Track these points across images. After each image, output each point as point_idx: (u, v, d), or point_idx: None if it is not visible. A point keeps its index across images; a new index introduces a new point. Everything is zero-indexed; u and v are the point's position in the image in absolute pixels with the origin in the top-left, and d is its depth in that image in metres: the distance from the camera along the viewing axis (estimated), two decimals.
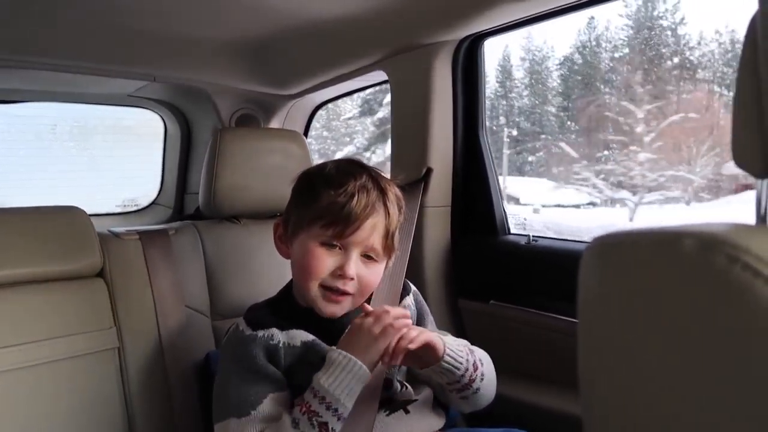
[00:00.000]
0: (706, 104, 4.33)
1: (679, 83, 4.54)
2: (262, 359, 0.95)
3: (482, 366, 1.02)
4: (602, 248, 0.37)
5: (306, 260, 0.98)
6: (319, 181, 1.02)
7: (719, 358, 0.30)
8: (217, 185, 1.33)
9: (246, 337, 0.98)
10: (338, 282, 0.97)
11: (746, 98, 0.41)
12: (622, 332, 0.35)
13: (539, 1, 1.15)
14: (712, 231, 0.31)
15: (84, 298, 1.14)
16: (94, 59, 1.63)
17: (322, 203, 0.98)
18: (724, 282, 0.29)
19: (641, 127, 4.37)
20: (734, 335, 0.29)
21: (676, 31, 4.81)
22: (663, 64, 4.77)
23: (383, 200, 1.00)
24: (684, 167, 4.24)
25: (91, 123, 2.62)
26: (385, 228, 1.00)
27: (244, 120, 2.07)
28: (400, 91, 1.54)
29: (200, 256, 1.31)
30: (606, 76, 5.24)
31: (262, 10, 1.33)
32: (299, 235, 1.01)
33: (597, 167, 4.69)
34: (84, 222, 1.18)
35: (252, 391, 0.93)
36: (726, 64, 4.35)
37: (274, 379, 0.95)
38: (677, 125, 4.27)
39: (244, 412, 0.91)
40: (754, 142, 0.40)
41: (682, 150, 4.32)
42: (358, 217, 0.96)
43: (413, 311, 1.13)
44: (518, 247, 1.39)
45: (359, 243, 0.98)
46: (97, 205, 2.44)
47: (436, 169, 1.45)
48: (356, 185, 0.98)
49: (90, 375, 1.10)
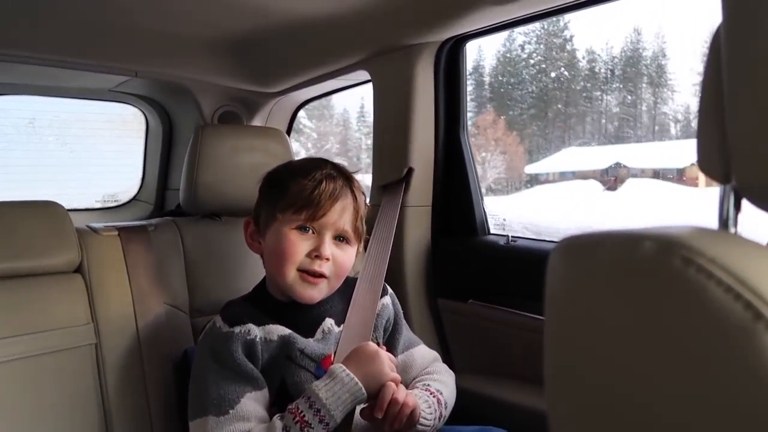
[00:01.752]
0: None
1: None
2: (241, 356, 0.96)
3: (445, 410, 1.06)
4: (567, 249, 0.39)
5: (281, 246, 1.01)
6: (286, 174, 1.06)
7: (677, 357, 0.31)
8: (198, 182, 1.32)
9: (224, 334, 0.98)
10: (314, 264, 1.00)
11: (709, 107, 0.42)
12: (586, 331, 0.36)
13: (520, 6, 1.17)
14: (670, 234, 0.33)
15: (61, 293, 1.13)
16: (74, 53, 1.61)
17: (291, 192, 1.02)
18: (679, 283, 0.31)
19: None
20: (689, 335, 0.31)
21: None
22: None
23: (350, 186, 1.05)
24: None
25: (72, 117, 2.59)
26: (355, 210, 1.05)
27: (227, 117, 2.06)
28: (383, 92, 1.54)
29: (180, 253, 1.30)
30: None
31: (245, 8, 1.33)
32: (272, 225, 1.04)
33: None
34: (62, 217, 1.17)
35: (230, 389, 0.94)
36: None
37: (252, 377, 0.96)
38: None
39: (222, 411, 0.92)
40: (716, 149, 0.42)
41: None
42: (327, 198, 1.00)
43: (390, 312, 1.15)
44: (497, 247, 1.41)
45: (331, 225, 1.02)
46: (77, 200, 2.42)
47: (417, 169, 1.47)
48: (323, 173, 1.03)
49: (66, 371, 1.10)
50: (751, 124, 0.36)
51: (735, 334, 0.28)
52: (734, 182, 0.41)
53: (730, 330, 0.29)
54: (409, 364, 1.14)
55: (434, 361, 1.17)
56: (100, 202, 2.51)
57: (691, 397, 0.30)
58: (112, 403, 1.12)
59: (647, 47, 5.22)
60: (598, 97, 5.56)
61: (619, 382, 0.34)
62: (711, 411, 0.29)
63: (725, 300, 0.29)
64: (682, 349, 0.31)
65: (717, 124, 0.41)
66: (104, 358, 1.13)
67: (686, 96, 6.84)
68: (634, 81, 6.41)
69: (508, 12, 1.22)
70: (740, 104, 0.37)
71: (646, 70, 3.85)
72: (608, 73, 3.70)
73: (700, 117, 0.45)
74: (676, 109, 6.27)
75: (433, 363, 1.17)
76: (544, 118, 8.76)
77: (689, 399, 0.30)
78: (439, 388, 1.07)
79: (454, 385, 1.13)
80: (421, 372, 1.13)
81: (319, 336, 1.04)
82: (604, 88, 4.23)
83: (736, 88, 0.38)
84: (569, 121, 8.55)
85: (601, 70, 3.84)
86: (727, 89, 0.39)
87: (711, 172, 0.44)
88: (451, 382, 1.13)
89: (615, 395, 0.34)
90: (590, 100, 6.92)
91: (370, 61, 1.54)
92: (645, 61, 3.78)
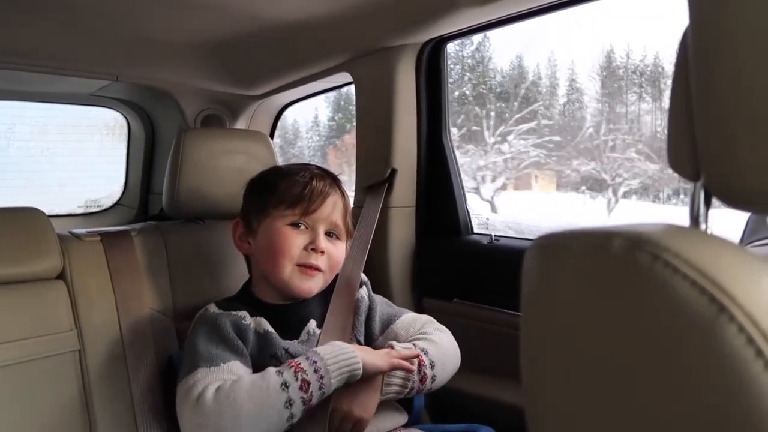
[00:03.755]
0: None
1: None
2: (232, 333, 0.97)
3: (432, 370, 1.04)
4: (541, 248, 0.40)
5: (277, 242, 1.02)
6: (274, 177, 1.09)
7: (646, 350, 0.32)
8: (181, 186, 1.32)
9: (218, 314, 1.00)
10: (311, 257, 1.02)
11: (678, 108, 0.44)
12: (560, 327, 0.37)
13: (499, 7, 1.18)
14: (639, 231, 0.34)
15: (43, 300, 1.12)
16: (54, 58, 1.60)
17: (283, 189, 1.04)
18: (647, 279, 0.32)
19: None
20: (658, 327, 0.32)
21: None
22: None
23: (337, 185, 1.09)
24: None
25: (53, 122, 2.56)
26: (344, 206, 1.08)
27: (210, 120, 2.05)
28: (365, 93, 1.55)
29: (163, 257, 1.30)
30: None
31: (227, 12, 1.32)
32: (264, 223, 1.05)
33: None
34: (43, 223, 1.16)
35: (222, 354, 0.95)
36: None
37: (243, 353, 0.97)
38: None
39: (214, 363, 0.93)
40: (686, 148, 0.43)
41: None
42: (320, 194, 1.04)
43: (365, 304, 1.16)
44: (481, 246, 1.42)
45: (324, 219, 1.04)
46: (59, 206, 2.39)
47: (400, 170, 1.47)
48: (311, 173, 1.07)
49: (50, 378, 1.09)
50: (716, 126, 0.37)
51: (700, 326, 0.29)
52: (703, 180, 0.42)
53: (696, 322, 0.30)
54: (391, 339, 1.11)
55: (424, 325, 1.14)
56: (83, 207, 2.48)
57: (661, 388, 0.31)
58: (96, 410, 1.12)
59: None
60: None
61: (593, 376, 0.35)
62: (679, 400, 0.30)
63: (690, 294, 0.30)
64: (651, 341, 0.32)
65: (686, 125, 0.42)
66: (88, 364, 1.12)
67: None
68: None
69: (488, 13, 1.23)
70: (706, 106, 0.38)
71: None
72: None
73: (670, 117, 0.46)
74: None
75: (423, 326, 1.13)
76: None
77: (660, 389, 0.31)
78: (425, 346, 1.04)
79: (449, 341, 1.10)
80: (408, 340, 1.10)
81: (303, 337, 1.05)
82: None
83: (702, 89, 0.39)
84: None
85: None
86: (694, 91, 0.40)
87: (681, 171, 0.45)
88: (442, 339, 1.09)
89: (589, 388, 0.35)
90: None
91: (352, 63, 1.55)
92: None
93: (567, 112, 4.25)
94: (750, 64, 0.34)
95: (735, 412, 0.28)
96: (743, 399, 0.28)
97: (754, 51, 0.34)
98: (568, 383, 0.36)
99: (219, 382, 0.90)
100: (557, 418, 0.38)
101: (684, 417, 0.30)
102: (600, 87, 4.10)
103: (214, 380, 0.90)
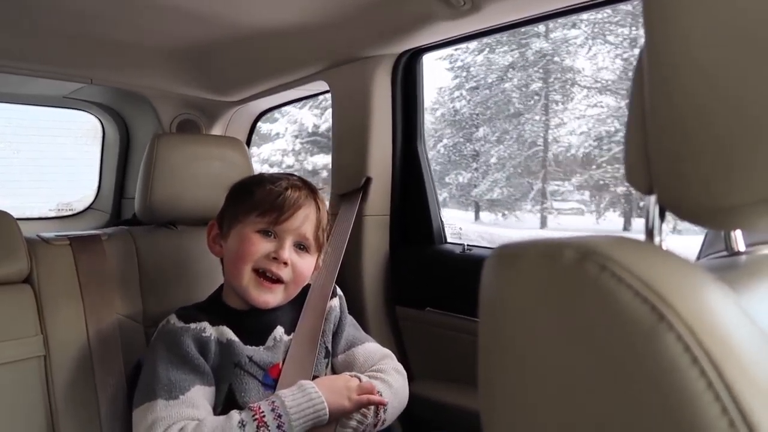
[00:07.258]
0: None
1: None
2: (193, 350, 0.97)
3: (384, 414, 1.03)
4: (498, 258, 0.41)
5: (241, 246, 1.02)
6: (253, 183, 1.09)
7: (594, 358, 0.33)
8: (154, 191, 1.31)
9: (178, 328, 0.99)
10: (272, 265, 1.02)
11: (634, 124, 0.45)
12: (514, 336, 0.38)
13: (472, 21, 1.20)
14: (589, 242, 0.35)
15: (9, 304, 1.10)
16: (27, 59, 1.58)
17: (257, 196, 1.04)
18: (594, 288, 0.33)
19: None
20: (604, 336, 0.33)
21: None
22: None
23: (314, 197, 1.08)
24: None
25: (25, 124, 2.53)
26: (317, 220, 1.07)
27: (186, 125, 2.04)
28: (341, 102, 1.56)
29: (134, 263, 1.28)
30: None
31: (203, 18, 1.32)
32: (234, 227, 1.05)
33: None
34: (10, 226, 1.14)
35: (181, 378, 0.94)
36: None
37: (204, 371, 0.96)
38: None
39: (172, 396, 0.92)
40: (640, 163, 0.44)
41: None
42: (292, 205, 1.03)
43: (336, 314, 1.16)
44: (453, 255, 1.43)
45: (293, 231, 1.03)
46: (30, 209, 2.35)
47: (375, 178, 1.48)
48: (289, 182, 1.07)
49: (13, 384, 1.07)
50: (666, 142, 0.39)
51: (641, 334, 0.31)
52: (656, 194, 0.43)
53: (637, 330, 0.31)
54: (350, 362, 1.12)
55: (383, 359, 1.13)
56: (54, 210, 2.45)
57: (606, 394, 0.32)
58: (60, 418, 1.10)
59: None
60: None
61: (545, 384, 0.36)
62: (624, 407, 0.31)
63: (633, 303, 0.31)
64: (597, 349, 0.33)
65: (641, 140, 0.44)
66: (53, 371, 1.11)
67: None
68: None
69: (463, 26, 1.25)
70: (658, 123, 0.40)
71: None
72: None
73: (627, 132, 0.48)
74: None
75: (381, 360, 1.13)
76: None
77: (605, 396, 0.32)
78: (381, 389, 1.03)
79: (402, 385, 1.10)
80: (364, 370, 1.10)
81: (269, 344, 1.05)
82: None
83: (654, 107, 0.40)
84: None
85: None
86: (648, 108, 0.42)
87: (636, 185, 0.47)
88: (397, 382, 1.08)
89: (542, 396, 0.36)
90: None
91: (329, 72, 1.56)
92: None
93: None
94: (696, 85, 0.36)
95: (672, 418, 0.29)
96: (679, 404, 0.29)
97: (700, 72, 0.36)
98: (523, 391, 0.37)
99: (181, 424, 0.89)
100: (513, 425, 0.39)
101: (626, 424, 0.31)
102: None
103: (174, 419, 0.89)
